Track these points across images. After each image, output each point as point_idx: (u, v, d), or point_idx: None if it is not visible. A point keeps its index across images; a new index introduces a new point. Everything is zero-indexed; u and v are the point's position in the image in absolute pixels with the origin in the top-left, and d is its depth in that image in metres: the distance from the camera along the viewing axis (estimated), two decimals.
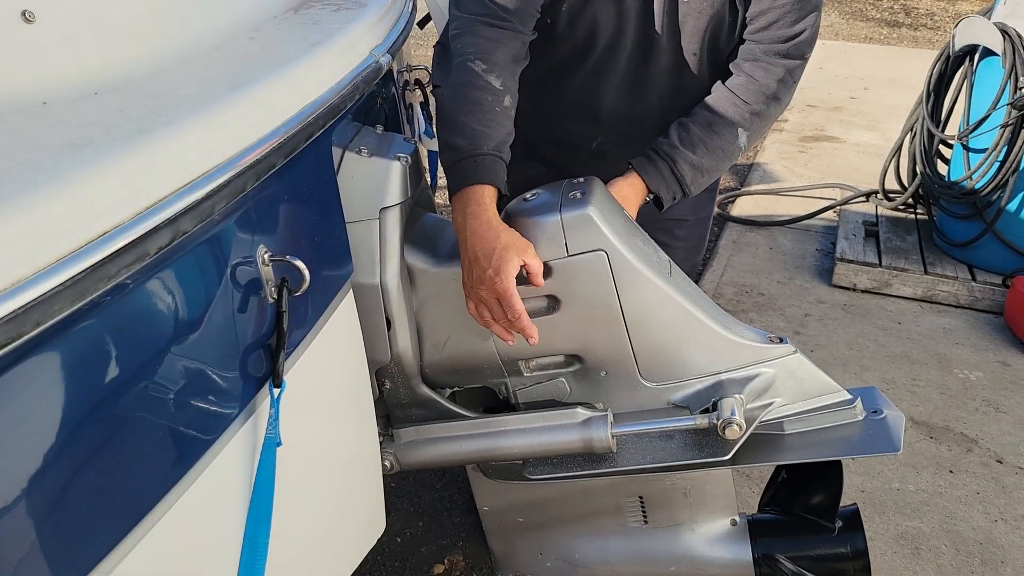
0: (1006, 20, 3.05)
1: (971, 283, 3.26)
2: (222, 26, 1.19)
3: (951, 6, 9.24)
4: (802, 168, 4.66)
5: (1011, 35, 2.97)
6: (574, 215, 1.36)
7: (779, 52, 1.57)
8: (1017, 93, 2.93)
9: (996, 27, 3.03)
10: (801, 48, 1.58)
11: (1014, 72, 2.94)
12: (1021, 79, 2.92)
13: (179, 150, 0.80)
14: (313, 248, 1.12)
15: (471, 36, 1.44)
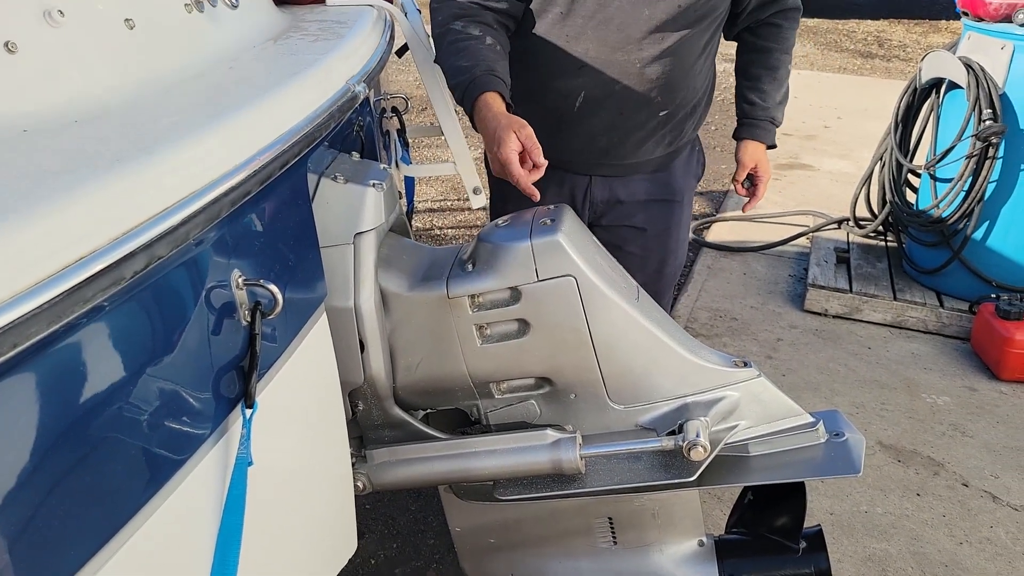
0: (970, 55, 3.14)
1: (939, 309, 3.33)
2: (202, 56, 1.23)
3: (923, 39, 9.45)
4: (776, 195, 4.74)
5: (975, 69, 3.06)
6: (544, 241, 1.39)
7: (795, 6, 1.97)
8: (981, 125, 3.01)
9: (961, 61, 3.12)
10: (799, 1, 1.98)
11: (978, 105, 3.02)
12: (985, 112, 3.01)
13: (155, 178, 0.82)
14: (287, 272, 1.15)
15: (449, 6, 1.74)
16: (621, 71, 1.79)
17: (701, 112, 2.02)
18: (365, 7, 1.81)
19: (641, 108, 1.85)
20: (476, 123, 1.65)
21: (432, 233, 4.26)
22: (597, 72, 1.79)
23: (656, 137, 1.93)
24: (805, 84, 7.27)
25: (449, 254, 1.54)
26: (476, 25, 1.71)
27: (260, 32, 1.46)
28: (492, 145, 1.59)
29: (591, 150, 1.91)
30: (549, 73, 1.82)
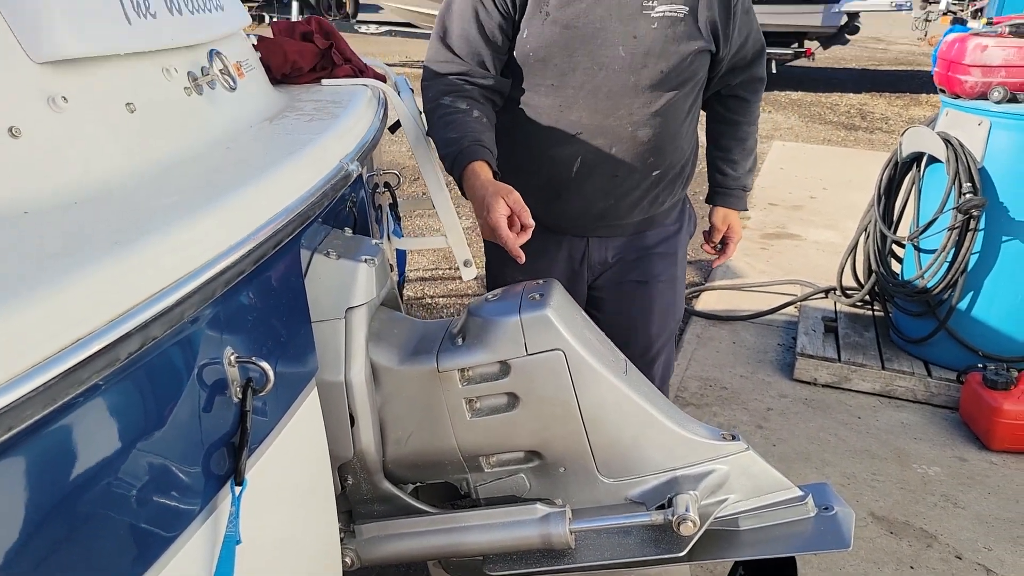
0: (948, 130, 3.23)
1: (927, 379, 3.35)
2: (200, 137, 1.26)
3: (904, 111, 9.69)
4: (764, 264, 4.79)
5: (954, 144, 3.15)
6: (533, 316, 1.42)
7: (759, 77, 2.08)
8: (961, 198, 3.08)
9: (940, 136, 3.21)
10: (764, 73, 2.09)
11: (958, 178, 3.10)
12: (965, 185, 3.08)
13: (152, 259, 0.84)
14: (279, 348, 1.16)
15: (438, 84, 1.85)
16: (614, 136, 1.86)
17: (689, 172, 2.10)
18: (359, 86, 1.86)
19: (635, 170, 1.92)
20: (465, 191, 1.74)
21: (423, 302, 4.29)
22: (591, 138, 1.86)
23: (650, 197, 2.00)
24: (791, 155, 7.43)
25: (439, 328, 1.56)
26: (463, 100, 1.81)
27: (257, 112, 1.50)
28: (481, 211, 1.67)
29: (589, 213, 1.97)
30: (545, 143, 1.89)
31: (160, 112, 1.19)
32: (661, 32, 1.79)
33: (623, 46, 1.78)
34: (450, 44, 1.85)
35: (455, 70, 1.83)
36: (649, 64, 1.80)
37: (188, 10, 1.33)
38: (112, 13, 1.11)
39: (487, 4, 1.81)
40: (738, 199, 2.17)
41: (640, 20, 1.78)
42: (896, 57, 15.11)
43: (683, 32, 1.81)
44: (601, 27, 1.78)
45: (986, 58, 3.11)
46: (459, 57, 1.84)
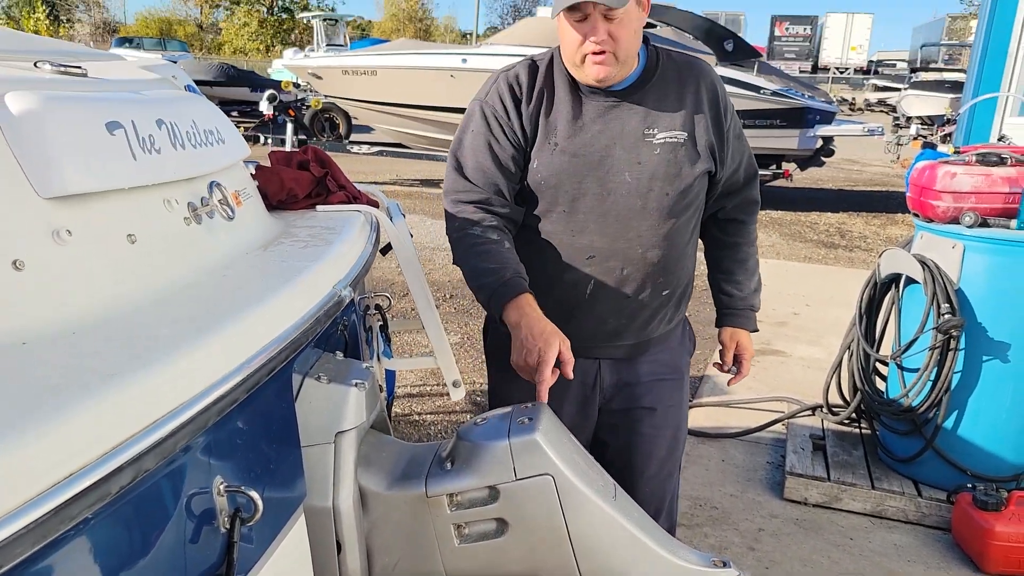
0: (924, 252, 3.32)
1: (918, 499, 3.32)
2: (198, 265, 1.30)
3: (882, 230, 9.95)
4: (751, 381, 4.81)
5: (930, 266, 3.23)
6: (522, 440, 1.42)
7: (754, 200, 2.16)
8: (940, 319, 3.14)
9: (916, 259, 3.30)
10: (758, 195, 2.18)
11: (936, 300, 3.17)
12: (943, 306, 3.14)
13: (148, 391, 0.86)
14: (268, 475, 1.16)
15: (463, 212, 1.88)
16: (625, 258, 1.91)
17: (690, 290, 2.15)
18: (353, 212, 1.92)
19: (645, 290, 1.96)
20: (510, 321, 1.74)
21: (411, 419, 4.26)
22: (603, 261, 1.91)
23: (660, 315, 2.04)
24: (773, 272, 7.56)
25: (428, 451, 1.56)
26: (492, 229, 1.84)
27: (254, 240, 1.54)
28: (535, 344, 1.67)
29: (602, 333, 2.00)
30: (558, 267, 1.93)
31: (160, 242, 1.23)
32: (664, 157, 1.87)
33: (629, 172, 1.86)
34: (467, 175, 1.90)
35: (475, 198, 1.88)
36: (655, 188, 1.88)
37: (191, 144, 1.40)
38: (119, 150, 1.16)
39: (499, 138, 1.88)
40: (746, 319, 2.20)
41: (643, 147, 1.86)
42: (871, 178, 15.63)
43: (684, 156, 1.89)
44: (607, 155, 1.86)
45: (956, 185, 3.24)
46: (477, 187, 1.88)
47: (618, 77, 1.84)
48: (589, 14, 1.74)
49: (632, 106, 1.88)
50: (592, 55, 1.77)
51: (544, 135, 1.87)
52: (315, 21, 26.07)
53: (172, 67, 2.06)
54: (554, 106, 1.88)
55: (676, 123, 1.89)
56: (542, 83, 1.89)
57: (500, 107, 1.88)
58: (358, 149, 12.99)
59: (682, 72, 1.93)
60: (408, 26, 57.02)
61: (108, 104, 1.23)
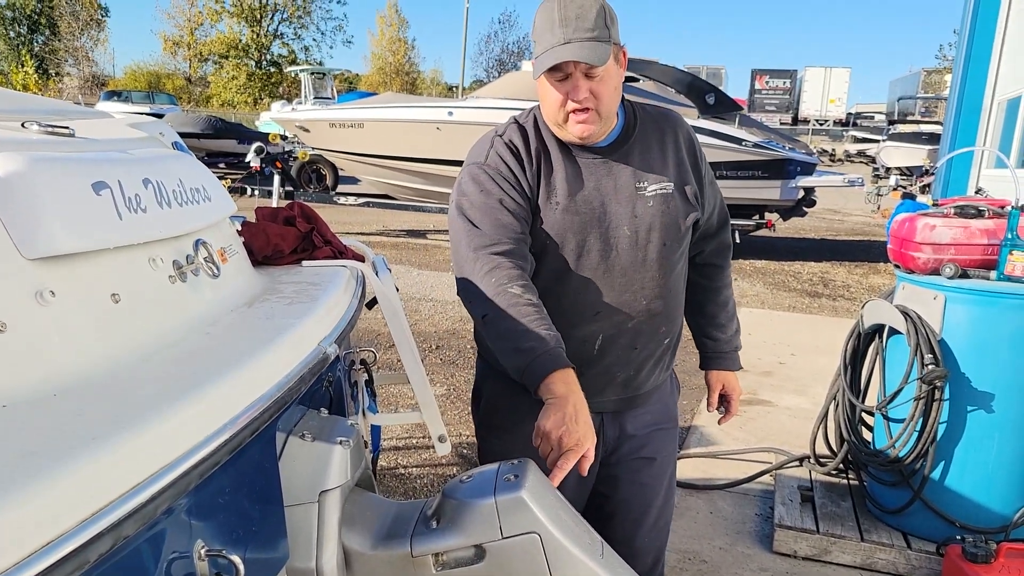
0: (906, 303, 3.35)
1: (907, 551, 3.29)
2: (182, 323, 1.29)
3: (864, 279, 10.04)
4: (737, 431, 4.80)
5: (912, 317, 3.26)
6: (508, 498, 1.41)
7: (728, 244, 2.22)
8: (924, 369, 3.16)
9: (898, 310, 3.33)
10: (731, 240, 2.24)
11: (919, 350, 3.19)
12: (927, 357, 3.16)
13: (129, 454, 0.85)
14: (250, 537, 1.14)
15: (495, 264, 1.73)
16: (631, 310, 1.93)
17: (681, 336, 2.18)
18: (339, 268, 1.93)
19: (651, 340, 1.99)
20: (555, 392, 1.60)
21: (396, 472, 4.21)
22: (610, 315, 1.92)
23: (662, 364, 2.07)
24: (758, 322, 7.60)
25: (413, 509, 1.54)
26: (530, 290, 1.72)
27: (239, 296, 1.54)
28: (577, 428, 1.55)
29: (610, 386, 2.00)
30: (567, 324, 1.90)
31: (144, 301, 1.23)
32: (657, 208, 1.90)
33: (627, 226, 1.89)
34: (488, 231, 1.79)
35: (506, 249, 1.76)
36: (653, 239, 1.91)
37: (177, 202, 1.40)
38: (105, 210, 1.17)
39: (512, 195, 1.83)
40: (732, 360, 2.26)
41: (637, 201, 1.89)
42: (852, 228, 15.83)
43: (676, 206, 1.93)
44: (604, 211, 1.88)
45: (935, 237, 3.29)
46: (505, 240, 1.78)
47: (600, 134, 1.87)
48: (571, 73, 1.76)
49: (622, 162, 1.91)
50: (574, 113, 1.79)
51: (546, 195, 1.86)
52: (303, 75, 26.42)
53: (159, 124, 2.08)
54: (552, 166, 1.88)
55: (663, 175, 1.93)
56: (536, 143, 1.89)
57: (505, 168, 1.85)
58: (344, 200, 13.06)
59: (659, 124, 1.98)
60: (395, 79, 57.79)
61: (95, 164, 1.24)
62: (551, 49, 1.73)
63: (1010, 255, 3.16)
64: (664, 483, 2.14)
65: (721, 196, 2.15)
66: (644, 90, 11.50)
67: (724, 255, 2.22)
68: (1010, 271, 3.15)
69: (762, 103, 46.60)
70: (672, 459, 2.18)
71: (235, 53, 56.76)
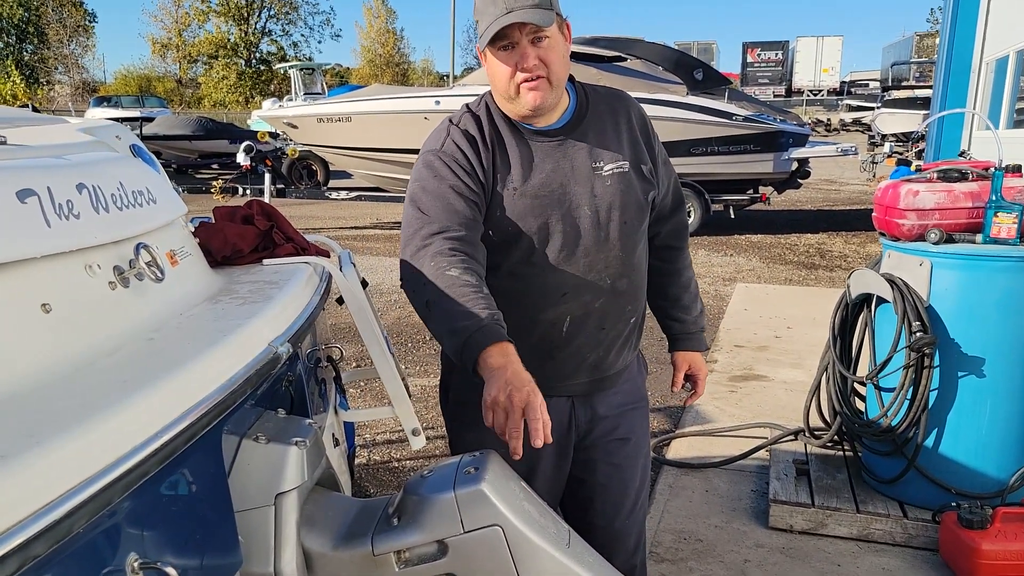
0: (892, 271, 3.31)
1: (904, 520, 3.27)
2: (122, 330, 1.26)
3: (861, 248, 9.99)
4: (733, 408, 4.78)
5: (899, 285, 3.22)
6: (468, 492, 1.38)
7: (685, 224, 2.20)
8: (912, 337, 3.12)
9: (884, 278, 3.29)
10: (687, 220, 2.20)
11: (906, 318, 3.15)
12: (914, 324, 3.13)
13: (40, 471, 0.82)
14: (193, 546, 1.12)
15: (438, 254, 1.69)
16: (597, 290, 1.92)
17: None
18: (301, 264, 1.90)
19: (619, 319, 1.98)
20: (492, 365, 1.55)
21: (390, 466, 4.20)
22: (577, 296, 1.91)
23: (630, 343, 2.06)
24: (753, 297, 7.57)
25: (377, 506, 1.52)
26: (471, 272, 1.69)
27: (190, 299, 1.51)
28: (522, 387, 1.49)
29: (581, 368, 1.98)
30: (534, 308, 1.91)
31: (79, 309, 1.20)
32: (615, 187, 1.89)
33: (587, 205, 1.87)
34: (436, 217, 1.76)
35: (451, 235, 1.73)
36: (613, 218, 1.89)
37: (116, 207, 1.37)
38: (28, 219, 1.13)
39: (465, 181, 1.80)
40: (698, 340, 2.25)
41: (595, 180, 1.88)
42: (849, 197, 15.76)
43: (632, 182, 1.92)
44: (564, 192, 1.86)
45: (919, 202, 3.24)
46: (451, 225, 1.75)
47: (552, 103, 1.84)
48: (517, 42, 1.75)
49: (576, 142, 1.89)
50: (525, 83, 1.78)
51: (503, 181, 1.85)
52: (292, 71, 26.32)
53: (116, 127, 2.03)
54: (507, 152, 1.87)
55: (618, 153, 1.92)
56: (490, 130, 1.87)
57: (460, 154, 1.83)
58: (336, 195, 13.02)
59: (611, 103, 1.97)
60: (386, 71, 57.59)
61: (20, 172, 1.20)
62: (495, 20, 1.72)
63: (995, 217, 3.12)
64: (639, 463, 2.14)
65: (675, 176, 2.13)
66: (631, 69, 11.42)
67: (681, 236, 2.20)
68: (996, 233, 3.11)
69: (755, 76, 46.36)
70: (645, 438, 2.17)
71: (224, 53, 56.62)
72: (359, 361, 4.95)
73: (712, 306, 7.23)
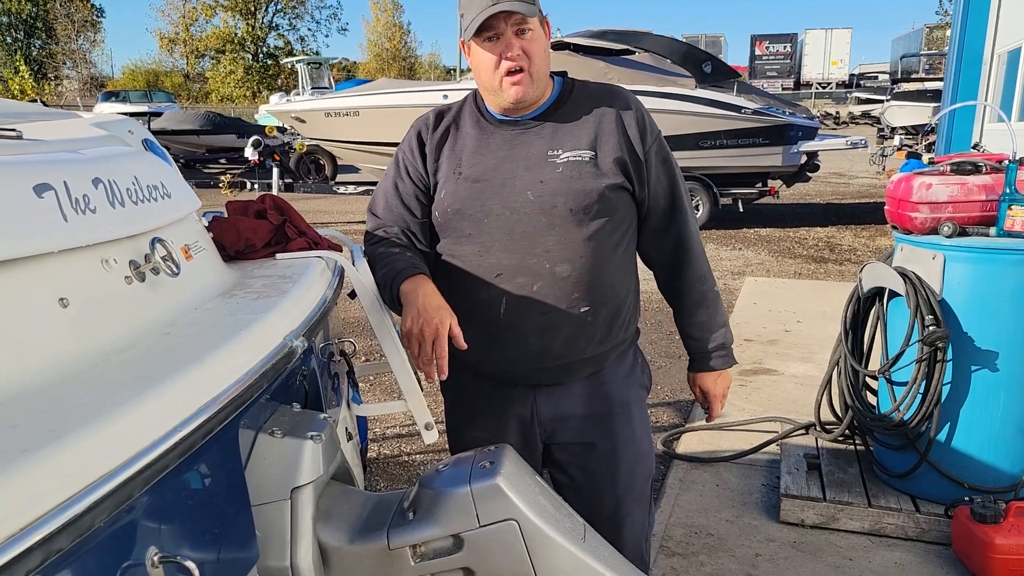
0: (905, 264, 3.29)
1: (916, 515, 3.26)
2: (138, 325, 1.26)
3: (871, 242, 9.95)
4: (743, 402, 4.77)
5: (911, 278, 3.21)
6: (483, 486, 1.38)
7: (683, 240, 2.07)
8: (925, 331, 3.11)
9: (897, 271, 3.27)
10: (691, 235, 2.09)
11: (919, 312, 3.14)
12: (927, 318, 3.11)
13: (61, 465, 0.82)
14: (211, 540, 1.12)
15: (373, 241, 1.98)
16: (534, 273, 1.91)
17: (628, 315, 2.08)
18: (313, 259, 1.90)
19: (561, 305, 1.93)
20: (405, 291, 1.78)
21: (400, 460, 4.21)
22: (512, 278, 1.91)
23: (586, 334, 1.98)
24: (762, 290, 7.55)
25: (392, 500, 1.52)
26: (397, 245, 1.94)
27: (205, 293, 1.51)
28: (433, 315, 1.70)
29: (526, 353, 1.96)
30: (470, 288, 1.93)
31: (96, 304, 1.20)
32: (566, 174, 1.90)
33: (531, 191, 1.89)
34: (376, 212, 2.03)
35: (386, 231, 1.98)
36: (558, 203, 1.89)
37: (131, 201, 1.37)
38: (46, 213, 1.13)
39: (403, 177, 2.00)
40: (706, 360, 2.15)
41: (546, 167, 1.90)
42: (858, 190, 15.68)
43: (588, 171, 1.90)
44: (510, 177, 1.90)
45: (932, 195, 3.22)
46: (386, 222, 1.99)
47: (534, 97, 1.91)
48: (502, 33, 1.82)
49: (539, 132, 1.94)
50: (508, 75, 1.84)
51: (449, 167, 1.95)
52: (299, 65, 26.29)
53: (129, 122, 2.04)
54: (459, 140, 1.97)
55: (582, 143, 1.92)
56: (449, 120, 2.00)
57: (408, 150, 2.00)
58: (344, 189, 13.03)
59: (599, 99, 1.98)
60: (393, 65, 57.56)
61: (38, 166, 1.20)
62: (481, 11, 1.79)
63: (1009, 210, 3.10)
64: (620, 470, 2.06)
65: (681, 184, 2.06)
66: (639, 62, 11.39)
67: (685, 251, 2.08)
68: (1010, 226, 3.09)
69: (763, 69, 46.19)
70: (632, 447, 2.07)
71: (231, 47, 56.66)
72: (367, 356, 4.96)
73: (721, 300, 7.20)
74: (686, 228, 2.08)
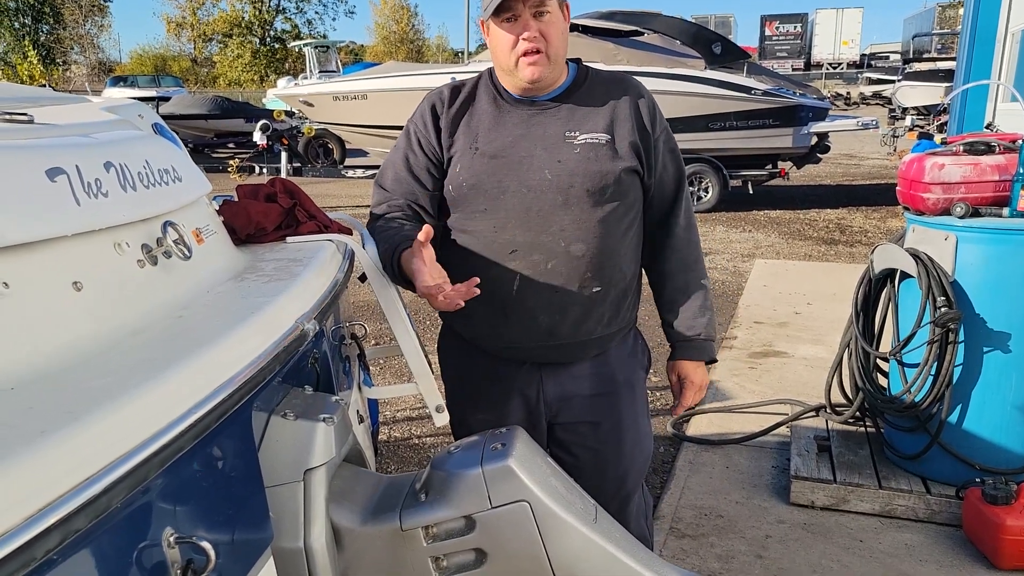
0: (917, 246, 3.28)
1: (926, 496, 3.26)
2: (152, 308, 1.27)
3: (882, 224, 9.90)
4: (753, 384, 4.77)
5: (923, 260, 3.19)
6: (495, 467, 1.39)
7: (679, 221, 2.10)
8: (937, 312, 3.09)
9: (909, 253, 3.25)
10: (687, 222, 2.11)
11: (931, 293, 3.12)
12: (939, 299, 3.10)
13: (79, 446, 0.83)
14: (225, 521, 1.13)
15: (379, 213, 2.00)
16: (549, 251, 1.92)
17: (632, 298, 2.10)
18: (324, 242, 1.90)
19: (573, 284, 1.95)
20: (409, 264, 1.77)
21: (411, 443, 4.23)
22: (527, 255, 1.92)
23: (595, 315, 1.99)
24: (772, 272, 7.52)
25: (404, 482, 1.53)
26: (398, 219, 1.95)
27: (216, 277, 1.52)
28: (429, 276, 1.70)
29: (535, 331, 1.97)
30: (483, 264, 1.93)
31: (109, 287, 1.21)
32: (584, 155, 1.91)
33: (549, 170, 1.90)
34: (384, 185, 2.03)
35: (393, 203, 1.99)
36: (576, 184, 1.90)
37: (143, 185, 1.37)
38: (58, 197, 1.14)
39: (415, 149, 2.00)
40: (683, 350, 2.14)
41: (563, 147, 1.91)
42: (869, 172, 15.58)
43: (605, 154, 1.92)
44: (528, 155, 1.91)
45: (945, 176, 3.20)
46: (394, 195, 2.00)
47: (551, 78, 1.92)
48: (519, 14, 1.83)
49: (556, 113, 1.95)
50: (525, 56, 1.85)
51: (466, 141, 1.95)
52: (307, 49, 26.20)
53: (139, 106, 2.04)
54: (476, 115, 1.97)
55: (598, 126, 1.94)
56: (466, 95, 2.00)
57: (421, 123, 2.00)
58: (352, 173, 13.01)
59: (610, 86, 2.00)
60: (400, 48, 57.35)
61: (50, 150, 1.21)
62: None
63: (1023, 190, 3.07)
64: (619, 450, 2.08)
65: (683, 174, 2.11)
66: (649, 43, 11.31)
67: (679, 236, 2.10)
68: (1023, 207, 3.07)
69: (773, 50, 45.79)
70: (632, 427, 2.10)
71: (238, 31, 56.55)
72: (378, 339, 4.97)
73: (731, 282, 7.20)
74: (685, 216, 2.12)
